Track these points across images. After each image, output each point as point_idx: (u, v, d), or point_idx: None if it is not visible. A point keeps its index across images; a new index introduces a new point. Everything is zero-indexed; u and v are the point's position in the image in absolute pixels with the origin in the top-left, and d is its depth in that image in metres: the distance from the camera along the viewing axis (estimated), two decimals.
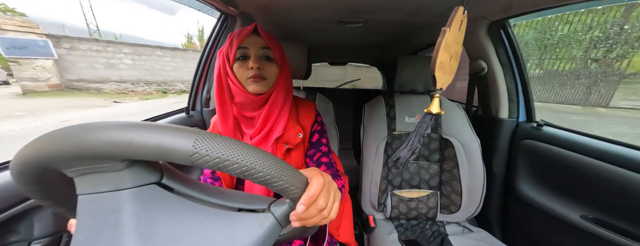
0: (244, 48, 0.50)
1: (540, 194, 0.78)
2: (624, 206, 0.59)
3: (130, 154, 0.18)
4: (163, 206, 0.23)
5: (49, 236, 0.45)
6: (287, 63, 0.56)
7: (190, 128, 0.20)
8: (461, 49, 0.51)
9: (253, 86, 0.50)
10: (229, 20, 0.88)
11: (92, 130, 0.18)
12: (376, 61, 2.02)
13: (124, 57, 6.95)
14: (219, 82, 0.51)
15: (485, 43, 0.85)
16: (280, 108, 0.54)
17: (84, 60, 6.46)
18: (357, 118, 1.82)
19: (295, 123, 0.58)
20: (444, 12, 0.82)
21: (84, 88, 6.55)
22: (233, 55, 0.50)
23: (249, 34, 0.51)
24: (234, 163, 0.19)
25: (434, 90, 0.91)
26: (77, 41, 6.32)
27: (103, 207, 0.21)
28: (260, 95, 0.52)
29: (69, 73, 6.29)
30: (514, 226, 0.89)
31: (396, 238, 0.76)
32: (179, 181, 0.25)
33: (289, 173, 0.23)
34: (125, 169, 0.21)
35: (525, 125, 0.86)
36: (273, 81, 0.53)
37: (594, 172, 0.64)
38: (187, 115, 0.89)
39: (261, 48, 0.51)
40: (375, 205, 0.85)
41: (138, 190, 0.22)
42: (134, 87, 7.56)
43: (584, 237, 0.65)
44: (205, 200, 0.25)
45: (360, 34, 1.16)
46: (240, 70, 0.50)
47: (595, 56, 4.09)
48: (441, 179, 0.87)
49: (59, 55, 6.00)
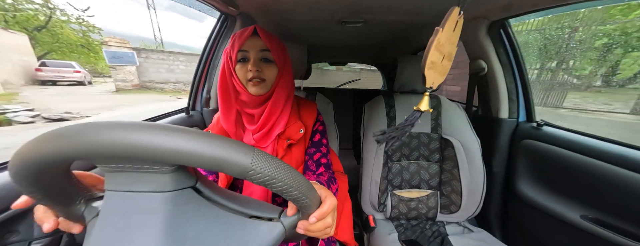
0: (244, 51, 0.52)
1: (540, 194, 0.78)
2: (624, 206, 0.59)
3: (190, 162, 0.19)
4: (195, 209, 0.24)
5: (49, 237, 0.45)
6: (289, 63, 0.57)
7: (246, 145, 0.21)
8: (455, 50, 0.51)
9: (253, 88, 0.52)
10: (229, 20, 0.88)
11: (155, 131, 0.18)
12: (376, 61, 2.02)
13: (179, 63, 9.16)
14: (223, 79, 0.54)
15: (485, 43, 0.85)
16: (282, 106, 0.56)
17: (153, 66, 8.69)
18: (357, 118, 1.82)
19: (297, 119, 0.60)
20: (443, 12, 0.82)
21: (152, 88, 8.78)
22: (234, 57, 0.52)
23: (250, 36, 0.52)
24: (279, 181, 0.22)
25: (433, 90, 0.92)
26: (150, 52, 8.64)
27: (136, 206, 0.21)
28: (261, 96, 0.54)
29: (144, 76, 8.58)
30: (514, 226, 0.89)
31: (396, 238, 0.76)
32: (208, 186, 0.26)
33: (312, 192, 0.27)
34: (171, 172, 0.22)
35: (525, 125, 0.86)
36: (272, 82, 0.54)
37: (594, 171, 0.64)
38: (187, 115, 0.89)
39: (260, 50, 0.53)
40: (375, 205, 0.85)
41: (177, 193, 0.23)
42: (186, 87, 9.45)
43: (584, 237, 0.65)
44: (226, 205, 0.27)
45: (360, 34, 1.16)
46: (241, 72, 0.52)
47: (550, 66, 4.95)
48: (441, 179, 0.87)
49: (138, 63, 8.22)
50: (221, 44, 0.93)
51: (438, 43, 0.42)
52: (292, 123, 0.58)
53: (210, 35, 0.93)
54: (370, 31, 1.10)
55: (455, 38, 0.48)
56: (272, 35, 0.54)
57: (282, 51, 0.55)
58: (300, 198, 0.25)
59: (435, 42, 0.41)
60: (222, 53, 0.92)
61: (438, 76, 0.48)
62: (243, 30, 0.52)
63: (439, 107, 0.89)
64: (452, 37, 0.46)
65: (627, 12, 4.46)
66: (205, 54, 0.93)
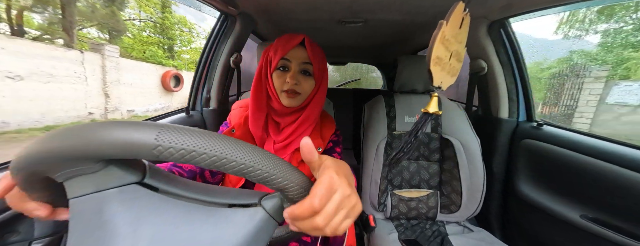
0: (286, 60, 0.51)
1: (540, 193, 0.78)
2: (624, 205, 0.59)
3: (99, 153, 0.18)
4: (147, 205, 0.22)
5: (49, 236, 0.45)
6: (326, 78, 0.56)
7: (153, 123, 0.19)
8: (463, 50, 0.51)
9: (287, 100, 0.51)
10: (228, 20, 0.88)
11: (68, 132, 0.18)
12: (376, 61, 2.02)
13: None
14: (258, 82, 0.52)
15: (485, 43, 0.85)
16: (311, 122, 0.54)
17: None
18: (357, 118, 1.82)
19: (317, 136, 0.57)
20: (444, 12, 0.82)
21: None
22: (275, 63, 0.51)
23: (296, 46, 0.51)
24: (202, 153, 0.18)
25: (433, 90, 0.92)
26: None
27: (89, 209, 0.22)
28: (292, 108, 0.53)
29: None
30: (513, 226, 0.89)
31: (396, 238, 0.76)
32: (165, 180, 0.25)
33: (278, 165, 0.21)
34: (102, 170, 0.21)
35: (525, 125, 0.86)
36: (306, 96, 0.53)
37: (594, 171, 0.64)
38: (187, 115, 0.89)
39: (302, 63, 0.52)
40: (375, 205, 0.85)
41: (118, 190, 0.22)
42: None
43: (584, 236, 0.65)
44: (194, 198, 0.25)
45: (361, 34, 1.16)
46: (278, 80, 0.51)
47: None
48: (441, 179, 0.87)
49: None
50: (221, 44, 0.93)
51: (443, 37, 0.40)
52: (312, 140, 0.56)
53: (210, 35, 0.93)
54: (370, 31, 1.10)
55: (462, 36, 0.48)
56: (317, 49, 0.53)
57: (323, 65, 0.54)
58: (249, 171, 0.20)
59: (439, 35, 0.40)
60: (223, 52, 0.93)
61: (446, 76, 0.46)
62: (290, 38, 0.51)
63: (439, 106, 0.89)
64: (458, 35, 0.46)
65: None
66: (205, 53, 0.93)
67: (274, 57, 0.51)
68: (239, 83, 1.07)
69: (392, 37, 1.23)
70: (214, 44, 0.92)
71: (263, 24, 0.98)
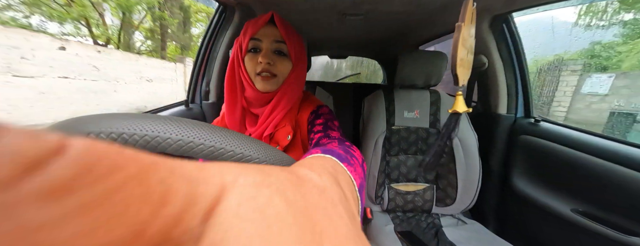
0: (257, 40, 0.46)
1: (534, 188, 0.80)
2: (615, 200, 0.61)
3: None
4: None
5: None
6: (304, 60, 0.51)
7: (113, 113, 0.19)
8: (474, 41, 0.50)
9: (261, 84, 0.46)
10: (227, 11, 0.86)
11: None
12: (377, 55, 2.00)
13: None
14: (231, 71, 0.48)
15: (487, 38, 0.84)
16: (284, 106, 0.49)
17: None
18: (356, 112, 1.82)
19: (288, 122, 0.50)
20: (445, 5, 0.81)
21: None
22: (245, 45, 0.46)
23: (265, 24, 0.46)
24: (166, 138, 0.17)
25: (433, 85, 0.92)
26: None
27: None
28: (268, 93, 0.48)
29: None
30: (507, 219, 0.91)
31: (392, 230, 0.78)
32: None
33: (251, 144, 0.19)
34: None
35: (522, 121, 0.87)
36: (283, 78, 0.48)
37: (586, 167, 0.65)
38: (187, 108, 0.88)
39: (275, 41, 0.47)
40: (373, 198, 0.86)
41: None
42: None
43: (573, 230, 0.67)
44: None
45: (361, 27, 1.14)
46: (250, 63, 0.47)
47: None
48: (438, 173, 0.88)
49: None
50: (219, 36, 0.91)
51: (463, 39, 0.40)
52: (281, 126, 0.50)
53: (208, 27, 0.91)
54: (370, 24, 1.08)
55: (473, 29, 0.47)
56: (289, 26, 0.48)
57: (299, 44, 0.49)
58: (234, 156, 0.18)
59: (460, 38, 0.39)
60: (222, 44, 0.91)
61: (466, 71, 0.46)
62: (259, 17, 0.46)
63: (438, 102, 0.89)
64: (471, 29, 0.45)
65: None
66: (203, 45, 0.92)
67: (244, 39, 0.46)
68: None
69: (393, 31, 1.21)
70: (212, 36, 0.91)
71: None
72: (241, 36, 0.47)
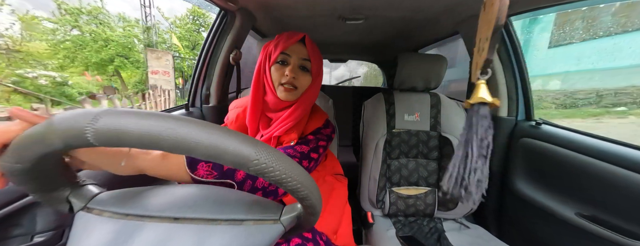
0: (286, 54, 0.53)
1: (537, 191, 0.79)
2: (619, 203, 0.60)
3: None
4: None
5: (52, 231, 0.46)
6: (321, 75, 0.58)
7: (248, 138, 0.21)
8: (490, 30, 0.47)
9: (284, 94, 0.52)
10: (228, 16, 0.88)
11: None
12: (376, 58, 2.01)
13: None
14: (257, 76, 0.54)
15: None
16: (297, 116, 0.54)
17: None
18: (356, 115, 1.82)
19: (295, 130, 0.55)
20: (445, 8, 0.81)
21: None
22: (275, 56, 0.52)
23: (296, 42, 0.53)
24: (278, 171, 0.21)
25: (432, 88, 0.92)
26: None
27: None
28: (287, 101, 0.54)
29: None
30: (510, 223, 0.90)
31: (394, 234, 0.77)
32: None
33: (307, 179, 0.24)
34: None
35: (523, 124, 0.87)
36: (303, 91, 0.55)
37: (589, 170, 0.65)
38: (187, 112, 0.89)
39: (302, 59, 0.54)
40: (374, 202, 0.85)
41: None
42: None
43: (579, 234, 0.66)
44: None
45: (361, 30, 1.16)
46: (276, 73, 0.53)
47: None
48: (439, 176, 0.88)
49: None
50: (221, 40, 0.92)
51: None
52: (290, 132, 0.55)
53: (210, 32, 0.92)
54: (370, 28, 1.10)
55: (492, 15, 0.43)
56: (315, 46, 0.55)
57: (319, 64, 0.56)
58: (299, 191, 0.23)
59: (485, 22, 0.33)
60: (223, 48, 0.92)
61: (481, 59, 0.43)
62: (291, 35, 0.53)
63: (439, 105, 0.89)
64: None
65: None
66: (204, 50, 0.93)
67: (274, 51, 0.52)
68: (238, 80, 1.07)
69: (392, 35, 1.22)
70: (213, 40, 0.92)
71: (262, 20, 0.97)
72: (271, 47, 0.53)
